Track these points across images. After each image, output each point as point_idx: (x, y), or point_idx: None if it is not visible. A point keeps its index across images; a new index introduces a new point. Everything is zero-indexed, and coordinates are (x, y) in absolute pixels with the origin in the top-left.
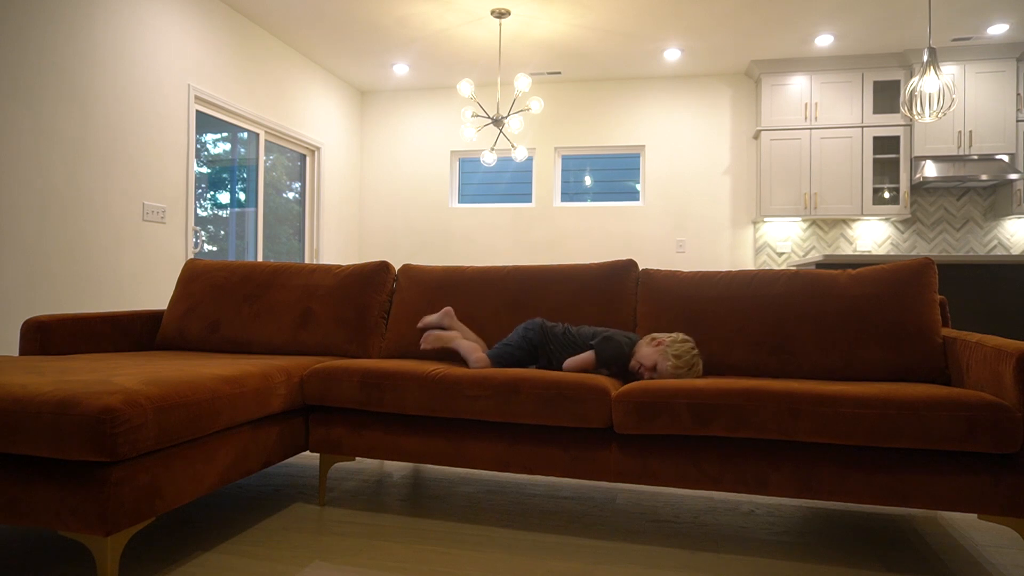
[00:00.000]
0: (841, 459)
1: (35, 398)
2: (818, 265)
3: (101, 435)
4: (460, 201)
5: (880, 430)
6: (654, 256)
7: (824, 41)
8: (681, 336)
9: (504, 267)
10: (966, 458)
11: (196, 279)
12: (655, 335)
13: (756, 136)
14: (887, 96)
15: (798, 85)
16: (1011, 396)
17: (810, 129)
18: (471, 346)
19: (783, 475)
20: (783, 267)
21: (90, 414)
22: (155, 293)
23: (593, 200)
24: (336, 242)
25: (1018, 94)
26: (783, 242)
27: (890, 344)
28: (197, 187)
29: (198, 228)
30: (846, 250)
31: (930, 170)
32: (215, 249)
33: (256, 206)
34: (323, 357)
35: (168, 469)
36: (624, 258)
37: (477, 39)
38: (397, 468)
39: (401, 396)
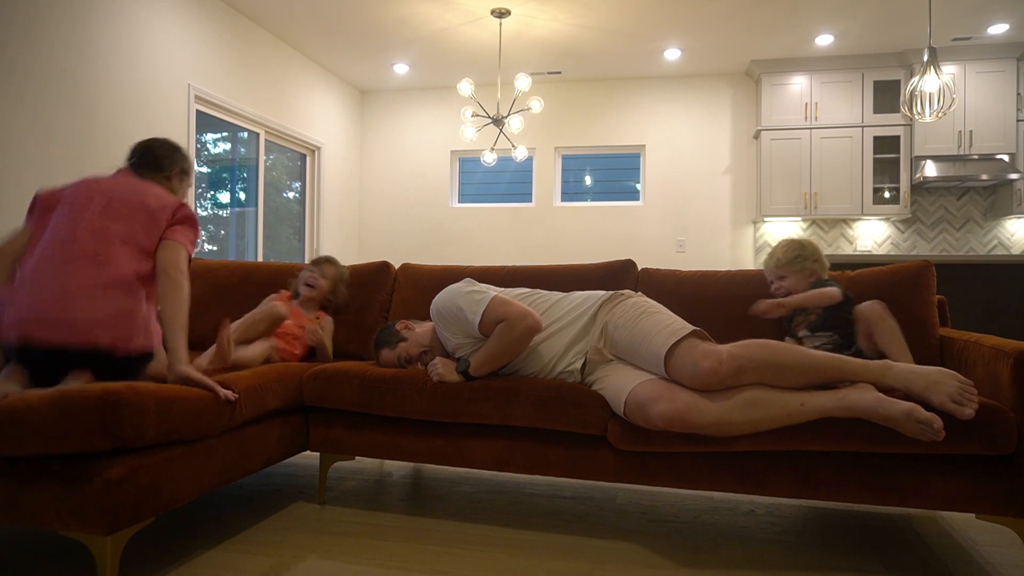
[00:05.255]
0: (839, 460)
1: (36, 393)
2: None
3: (104, 417)
4: (460, 201)
5: (876, 436)
6: (654, 256)
7: (824, 41)
8: (783, 245)
9: (504, 267)
10: (964, 458)
11: (196, 279)
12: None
13: (756, 136)
14: (887, 96)
15: (798, 85)
16: (1008, 396)
17: (810, 129)
18: None
19: (782, 475)
20: None
21: (93, 396)
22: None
23: (593, 200)
24: (336, 242)
25: (1018, 94)
26: None
27: None
28: (197, 187)
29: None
30: (846, 250)
31: (930, 170)
32: (215, 249)
33: (256, 206)
34: None
35: (168, 468)
36: (623, 258)
37: (477, 39)
38: (397, 468)
39: (400, 400)
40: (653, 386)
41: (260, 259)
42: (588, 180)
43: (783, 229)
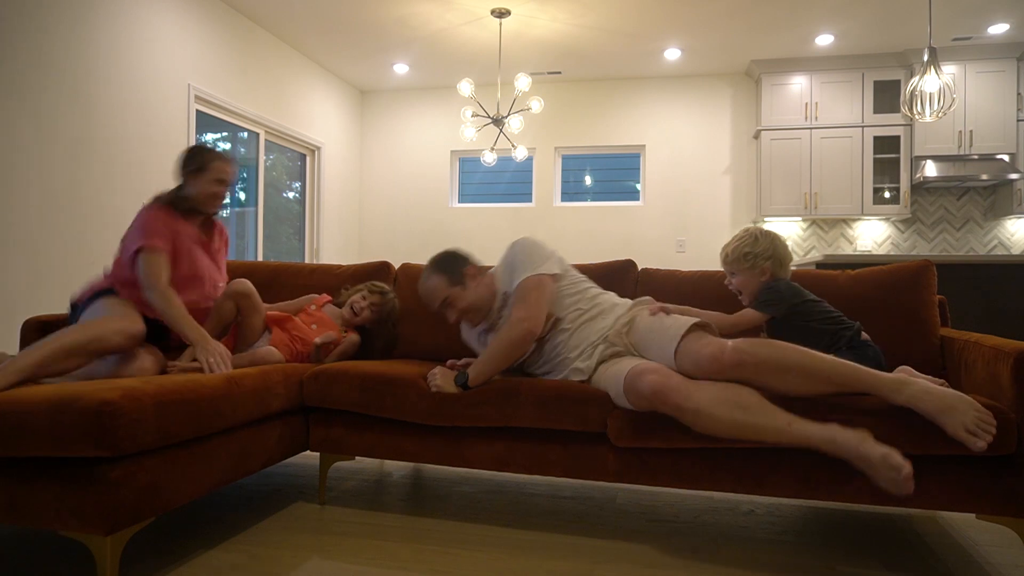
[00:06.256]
0: (840, 460)
1: (35, 397)
2: (818, 265)
3: (102, 428)
4: (460, 201)
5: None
6: (654, 256)
7: (824, 41)
8: (735, 237)
9: None
10: (964, 459)
11: None
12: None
13: (756, 136)
14: (887, 96)
15: (798, 85)
16: (1008, 396)
17: (810, 129)
18: None
19: (782, 475)
20: None
21: (90, 408)
22: None
23: (593, 200)
24: (336, 242)
25: (1018, 94)
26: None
27: (888, 344)
28: None
29: None
30: (846, 250)
31: (930, 170)
32: None
33: (256, 206)
34: None
35: (168, 469)
36: (623, 258)
37: (477, 39)
38: (397, 468)
39: (400, 402)
40: (651, 364)
41: (260, 259)
42: (588, 180)
43: (784, 229)
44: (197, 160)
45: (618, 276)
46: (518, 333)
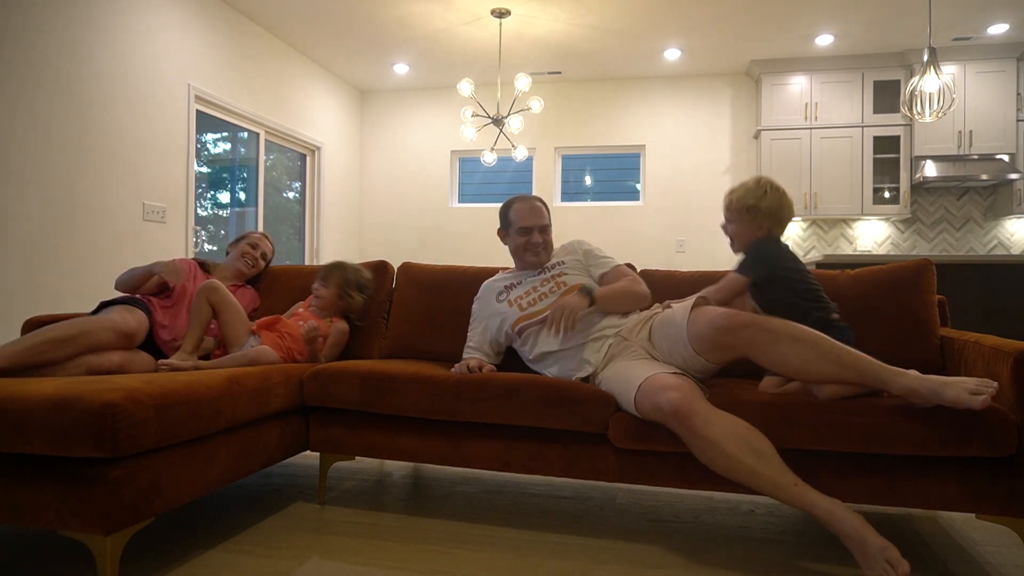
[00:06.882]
0: (838, 460)
1: (36, 395)
2: (818, 265)
3: (102, 430)
4: (460, 201)
5: (873, 438)
6: (654, 256)
7: (824, 41)
8: (744, 187)
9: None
10: (964, 459)
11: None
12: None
13: (756, 136)
14: (887, 96)
15: (798, 85)
16: (1008, 396)
17: (810, 129)
18: None
19: None
20: None
21: (92, 410)
22: None
23: (593, 200)
24: (336, 242)
25: (1018, 94)
26: (783, 241)
27: (888, 344)
28: (197, 187)
29: (198, 228)
30: (846, 250)
31: (930, 170)
32: (215, 249)
33: (256, 206)
34: None
35: (169, 468)
36: (624, 259)
37: (477, 39)
38: (397, 468)
39: (400, 399)
40: (671, 379)
41: None
42: (588, 180)
43: None
44: (240, 235)
45: None
46: (645, 291)
